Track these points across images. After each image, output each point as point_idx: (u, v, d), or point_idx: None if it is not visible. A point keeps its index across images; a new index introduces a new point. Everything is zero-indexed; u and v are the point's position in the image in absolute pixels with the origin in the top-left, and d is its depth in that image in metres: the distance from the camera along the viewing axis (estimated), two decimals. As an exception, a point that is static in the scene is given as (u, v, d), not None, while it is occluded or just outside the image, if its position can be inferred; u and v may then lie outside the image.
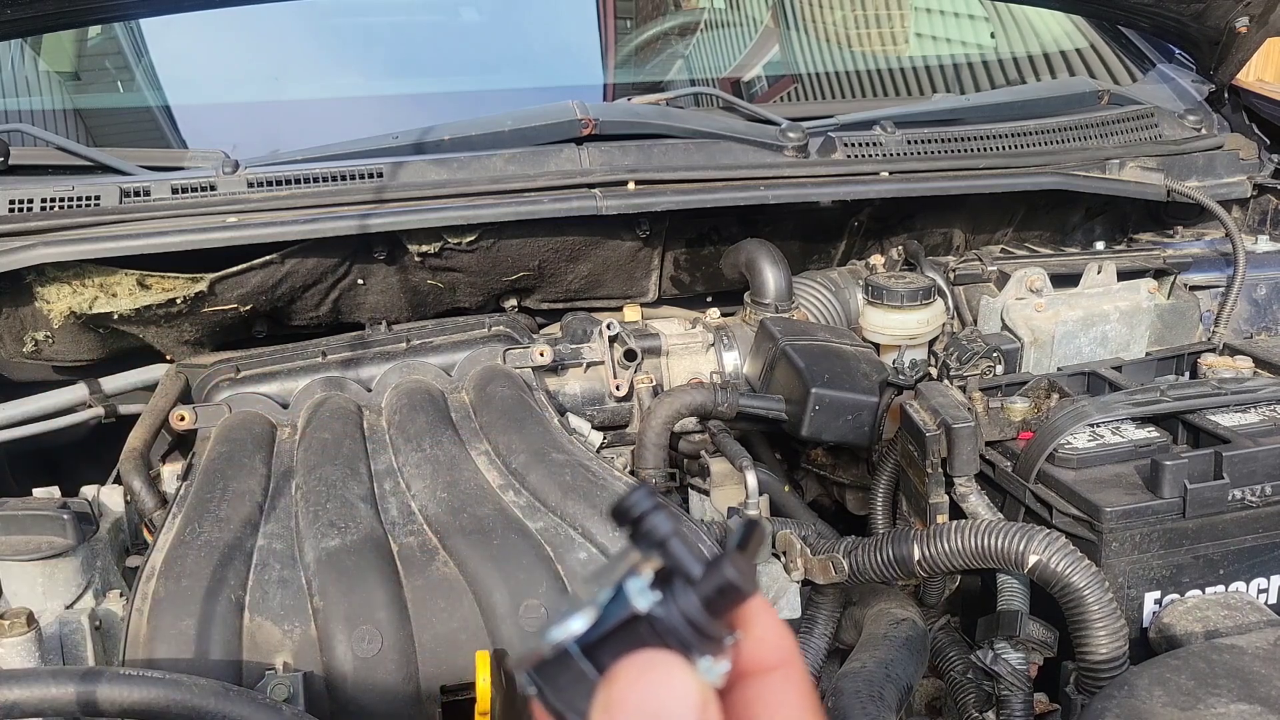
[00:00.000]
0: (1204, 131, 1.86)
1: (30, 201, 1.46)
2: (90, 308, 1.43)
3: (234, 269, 1.45)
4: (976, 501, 1.26)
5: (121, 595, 1.16)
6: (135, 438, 1.33)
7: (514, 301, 1.69)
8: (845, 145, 1.66)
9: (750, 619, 0.37)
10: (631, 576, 0.35)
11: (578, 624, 0.35)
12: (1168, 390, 1.26)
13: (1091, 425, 1.24)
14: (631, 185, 1.55)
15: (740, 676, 0.36)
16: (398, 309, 1.61)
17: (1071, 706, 1.10)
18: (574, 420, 1.41)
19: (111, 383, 1.54)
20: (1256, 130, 1.91)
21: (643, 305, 1.72)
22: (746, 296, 1.61)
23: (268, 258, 1.46)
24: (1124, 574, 1.13)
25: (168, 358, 1.57)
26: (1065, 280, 1.56)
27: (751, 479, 1.28)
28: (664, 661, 0.33)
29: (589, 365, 1.50)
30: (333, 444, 1.25)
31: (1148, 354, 1.53)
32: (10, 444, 1.46)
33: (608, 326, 1.49)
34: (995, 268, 1.59)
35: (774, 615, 0.38)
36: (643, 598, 0.35)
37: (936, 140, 1.70)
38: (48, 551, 1.14)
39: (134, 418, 1.42)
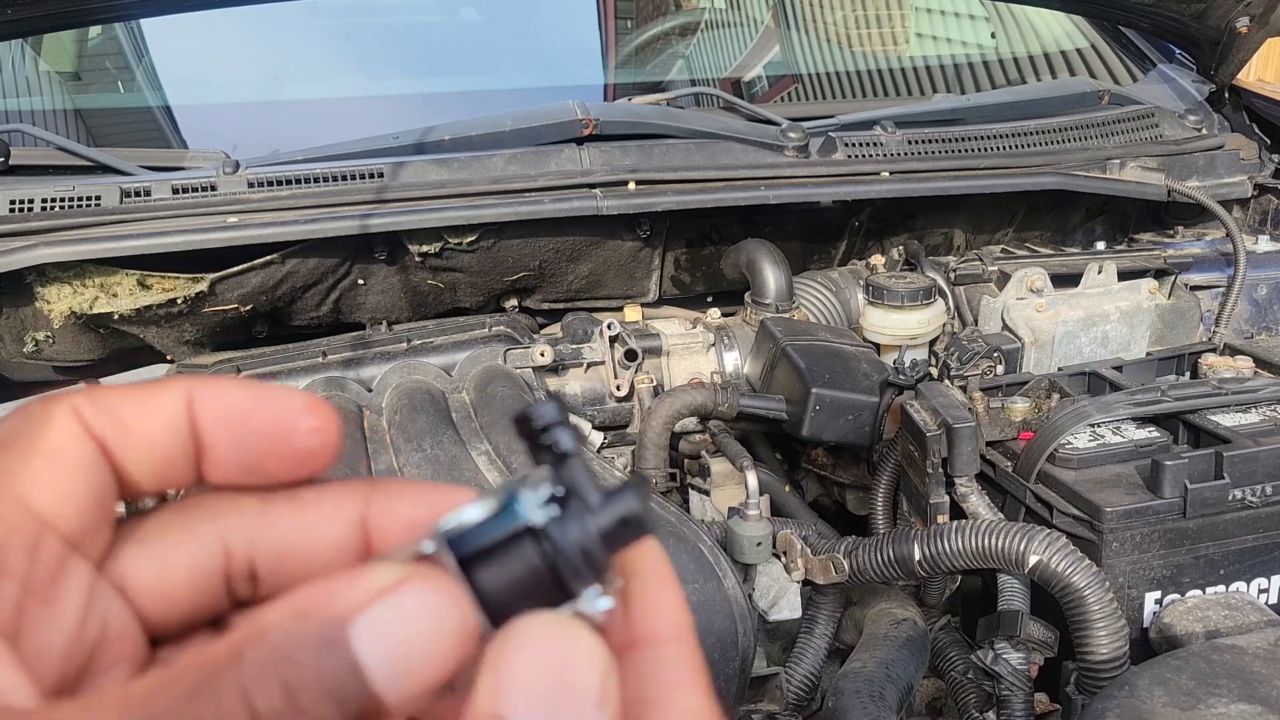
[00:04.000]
0: (1204, 131, 1.86)
1: (31, 201, 1.46)
2: (91, 308, 1.43)
3: (234, 269, 1.45)
4: (977, 501, 1.26)
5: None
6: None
7: (514, 301, 1.69)
8: (846, 145, 1.66)
9: (650, 586, 0.33)
10: (526, 490, 0.32)
11: (451, 524, 0.31)
12: (1168, 390, 1.26)
13: (1092, 425, 1.24)
14: (632, 185, 1.55)
15: (631, 646, 0.32)
16: (398, 309, 1.61)
17: (1072, 706, 1.10)
18: (574, 420, 1.41)
19: (111, 382, 1.54)
20: (1257, 130, 1.91)
21: (643, 305, 1.72)
22: (747, 296, 1.61)
23: (268, 258, 1.46)
24: (1124, 574, 1.13)
25: (168, 358, 1.57)
26: (1066, 280, 1.56)
27: (752, 479, 1.28)
28: (568, 625, 0.30)
29: (589, 365, 1.50)
30: (333, 444, 1.25)
31: (1148, 354, 1.53)
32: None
33: (608, 326, 1.49)
34: (996, 268, 1.59)
35: (674, 588, 0.34)
36: (536, 512, 0.31)
37: (937, 140, 1.70)
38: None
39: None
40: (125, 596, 0.31)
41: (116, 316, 1.44)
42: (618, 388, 1.48)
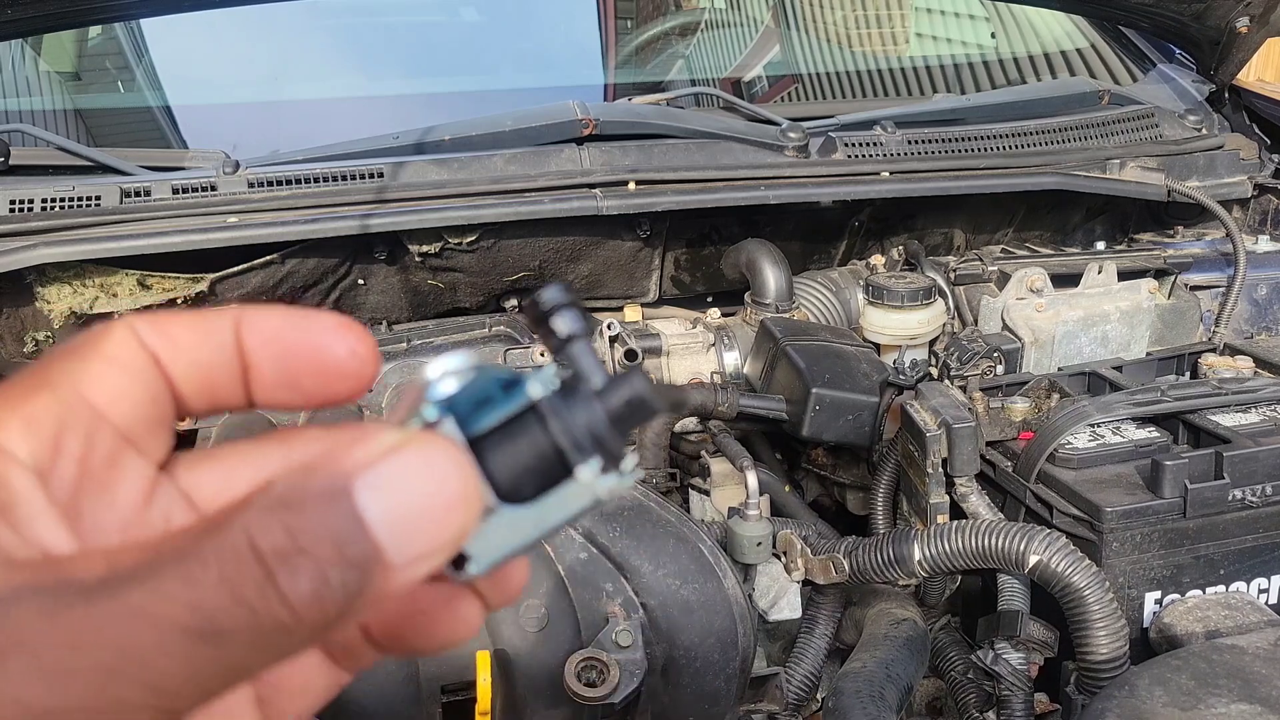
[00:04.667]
0: (1204, 131, 1.86)
1: (31, 202, 1.46)
2: (91, 308, 1.43)
3: (235, 269, 1.45)
4: (977, 501, 1.26)
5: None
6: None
7: (515, 301, 1.69)
8: (846, 145, 1.66)
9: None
10: (535, 372, 0.31)
11: (450, 389, 0.31)
12: (1168, 390, 1.26)
13: (1092, 425, 1.24)
14: (632, 185, 1.55)
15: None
16: (398, 309, 1.61)
17: (1072, 706, 1.10)
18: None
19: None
20: (1257, 130, 1.91)
21: (643, 305, 1.72)
22: (747, 296, 1.61)
23: (268, 258, 1.46)
24: (1124, 574, 1.13)
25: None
26: (1066, 280, 1.56)
27: (752, 479, 1.28)
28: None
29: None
30: (333, 444, 1.25)
31: (1148, 354, 1.53)
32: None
33: (608, 326, 1.49)
34: (996, 268, 1.59)
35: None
36: (542, 392, 0.31)
37: (937, 140, 1.70)
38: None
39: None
40: (191, 505, 0.33)
41: (116, 316, 1.44)
42: (618, 388, 1.48)
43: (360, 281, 1.55)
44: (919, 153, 1.68)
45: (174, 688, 0.25)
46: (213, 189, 1.49)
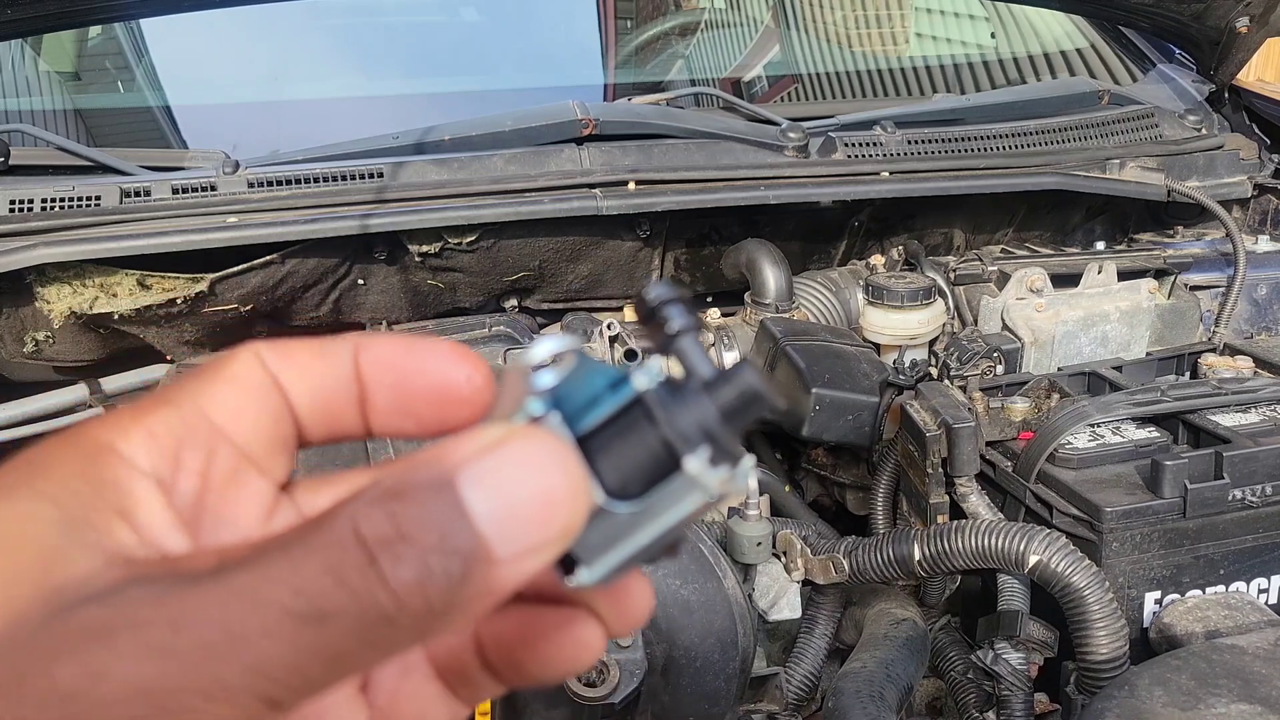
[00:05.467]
0: (1204, 131, 1.86)
1: (30, 202, 1.46)
2: (91, 308, 1.43)
3: (234, 269, 1.45)
4: (977, 501, 1.26)
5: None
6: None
7: (514, 301, 1.69)
8: (846, 145, 1.66)
9: None
10: (640, 367, 0.31)
11: (551, 380, 0.30)
12: (1168, 390, 1.26)
13: (1092, 425, 1.24)
14: (632, 185, 1.55)
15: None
16: (398, 309, 1.61)
17: (1072, 706, 1.10)
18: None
19: (112, 383, 1.54)
20: (1257, 130, 1.91)
21: (643, 305, 1.72)
22: (747, 296, 1.61)
23: (268, 258, 1.46)
24: (1124, 574, 1.13)
25: (168, 358, 1.57)
26: (1065, 280, 1.56)
27: (752, 479, 1.28)
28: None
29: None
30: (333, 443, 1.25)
31: (1148, 354, 1.53)
32: (10, 444, 1.46)
33: (608, 326, 1.49)
34: (995, 268, 1.59)
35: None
36: (650, 387, 0.30)
37: (937, 140, 1.70)
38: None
39: (134, 418, 1.41)
40: None
41: (116, 316, 1.44)
42: (618, 388, 1.48)
43: (360, 281, 1.55)
44: (919, 153, 1.68)
45: (276, 672, 0.25)
46: (212, 189, 1.49)
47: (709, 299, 1.77)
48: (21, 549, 0.27)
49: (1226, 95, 1.94)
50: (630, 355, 1.48)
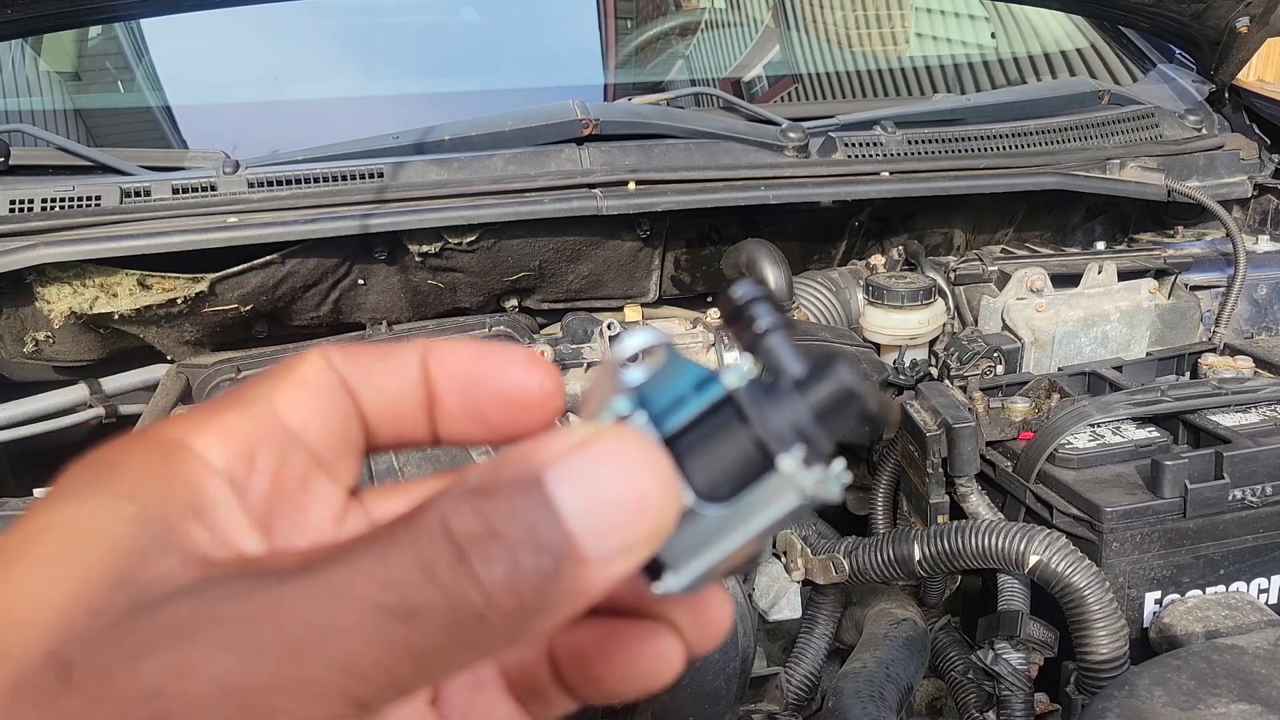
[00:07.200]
0: (1204, 131, 1.86)
1: (31, 202, 1.46)
2: (91, 308, 1.43)
3: (234, 269, 1.45)
4: (977, 501, 1.26)
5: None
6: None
7: (514, 301, 1.69)
8: (846, 145, 1.66)
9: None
10: (729, 366, 0.30)
11: (639, 379, 0.29)
12: (1168, 390, 1.26)
13: (1092, 425, 1.24)
14: (632, 185, 1.55)
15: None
16: (398, 309, 1.61)
17: (1072, 706, 1.10)
18: (575, 420, 1.41)
19: (112, 383, 1.54)
20: (1257, 130, 1.91)
21: (643, 305, 1.72)
22: (747, 296, 1.61)
23: (268, 258, 1.46)
24: (1124, 574, 1.14)
25: (168, 358, 1.57)
26: (1066, 280, 1.56)
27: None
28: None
29: (589, 365, 1.50)
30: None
31: (1148, 354, 1.53)
32: (10, 444, 1.46)
33: (608, 326, 1.49)
34: (996, 268, 1.59)
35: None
36: (740, 386, 0.29)
37: (937, 140, 1.70)
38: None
39: (135, 418, 1.41)
40: None
41: (116, 316, 1.44)
42: (618, 388, 1.48)
43: (360, 281, 1.55)
44: (919, 153, 1.68)
45: (364, 670, 0.25)
46: (213, 189, 1.49)
47: (709, 299, 1.77)
48: (99, 547, 0.26)
49: (1227, 95, 1.94)
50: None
